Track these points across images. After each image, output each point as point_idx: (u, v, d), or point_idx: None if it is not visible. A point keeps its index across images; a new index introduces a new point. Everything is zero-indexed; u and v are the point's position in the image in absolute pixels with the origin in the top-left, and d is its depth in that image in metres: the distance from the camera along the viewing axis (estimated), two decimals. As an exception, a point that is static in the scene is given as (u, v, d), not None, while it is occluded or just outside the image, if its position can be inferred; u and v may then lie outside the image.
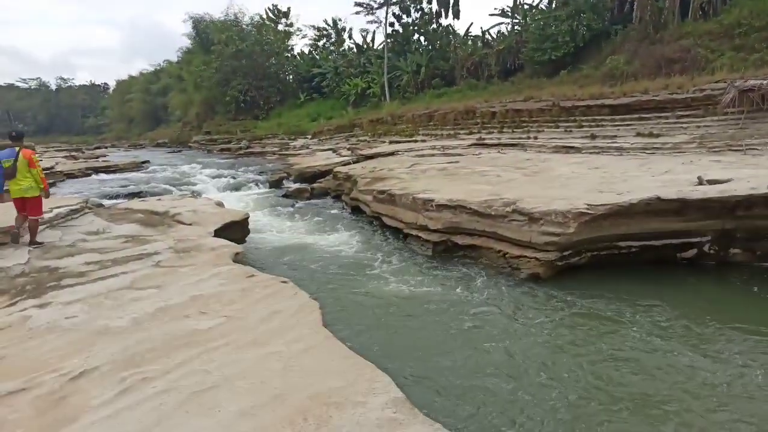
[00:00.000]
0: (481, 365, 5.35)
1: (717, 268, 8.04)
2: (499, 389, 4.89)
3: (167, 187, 17.88)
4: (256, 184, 19.19)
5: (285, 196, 16.89)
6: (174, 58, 69.13)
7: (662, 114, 16.59)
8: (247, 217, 9.90)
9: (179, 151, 45.94)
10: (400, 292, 7.64)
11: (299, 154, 26.76)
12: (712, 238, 8.11)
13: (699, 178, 8.92)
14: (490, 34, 36.96)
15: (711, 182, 8.65)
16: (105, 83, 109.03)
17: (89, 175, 23.22)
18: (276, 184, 18.91)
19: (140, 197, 14.48)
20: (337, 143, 29.45)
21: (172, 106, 65.72)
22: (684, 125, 15.71)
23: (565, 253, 7.89)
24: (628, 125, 17.15)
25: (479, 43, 36.38)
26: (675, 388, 4.83)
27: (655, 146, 15.13)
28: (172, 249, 7.18)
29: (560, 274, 7.90)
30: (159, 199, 12.13)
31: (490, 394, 4.81)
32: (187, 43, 60.32)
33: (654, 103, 16.90)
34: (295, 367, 3.66)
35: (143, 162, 28.82)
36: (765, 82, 14.11)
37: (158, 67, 78.38)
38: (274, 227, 12.28)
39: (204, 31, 54.09)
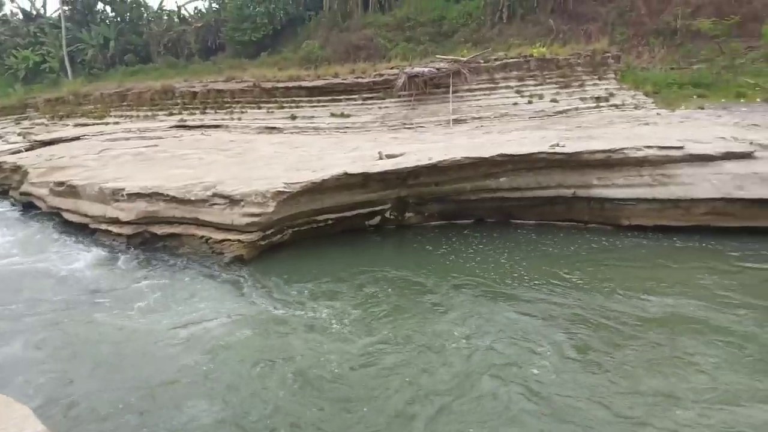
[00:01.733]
0: (173, 369, 5.09)
1: (397, 230, 9.30)
2: (189, 390, 4.77)
3: None
4: None
5: None
6: None
7: (351, 96, 18.23)
8: None
9: None
10: (79, 297, 6.71)
11: (-55, 142, 20.98)
12: (392, 205, 9.32)
13: (379, 153, 10.07)
14: (186, 10, 35.00)
15: (389, 156, 9.84)
16: None
17: None
18: None
19: None
20: (4, 128, 24.16)
21: None
22: (369, 106, 17.60)
23: (268, 233, 8.07)
24: (323, 106, 18.35)
25: (176, 19, 34.09)
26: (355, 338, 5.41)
27: (346, 125, 16.59)
28: None
29: (264, 253, 8.05)
30: None
31: (174, 395, 4.62)
32: None
33: (343, 86, 18.42)
34: None
35: None
36: (426, 69, 16.75)
37: None
38: None
39: None
